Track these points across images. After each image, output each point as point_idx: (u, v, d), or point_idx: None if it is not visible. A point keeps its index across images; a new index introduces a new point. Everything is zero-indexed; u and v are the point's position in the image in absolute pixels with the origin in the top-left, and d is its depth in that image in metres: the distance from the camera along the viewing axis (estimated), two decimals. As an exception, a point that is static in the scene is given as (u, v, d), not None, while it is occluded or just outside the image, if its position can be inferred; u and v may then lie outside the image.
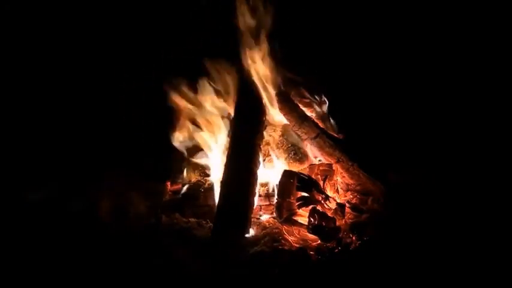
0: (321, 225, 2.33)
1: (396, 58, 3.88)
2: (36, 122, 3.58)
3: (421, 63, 3.86)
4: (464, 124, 3.38)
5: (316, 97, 3.17)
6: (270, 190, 2.82)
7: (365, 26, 3.98)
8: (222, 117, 3.05)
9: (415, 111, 3.53)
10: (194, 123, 3.02)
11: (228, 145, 2.91)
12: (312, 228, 2.35)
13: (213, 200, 2.75)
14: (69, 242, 2.36)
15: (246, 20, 2.97)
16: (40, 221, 2.54)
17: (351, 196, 2.75)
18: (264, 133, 2.98)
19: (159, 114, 3.38)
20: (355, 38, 3.96)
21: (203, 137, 3.01)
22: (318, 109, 3.11)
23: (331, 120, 3.12)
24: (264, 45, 3.03)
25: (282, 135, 3.06)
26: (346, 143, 2.85)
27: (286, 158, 2.95)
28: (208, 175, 3.03)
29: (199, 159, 3.06)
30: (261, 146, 2.90)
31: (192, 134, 3.01)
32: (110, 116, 3.69)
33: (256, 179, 2.69)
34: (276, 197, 2.64)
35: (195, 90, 3.03)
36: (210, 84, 3.03)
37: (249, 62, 3.06)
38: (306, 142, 2.89)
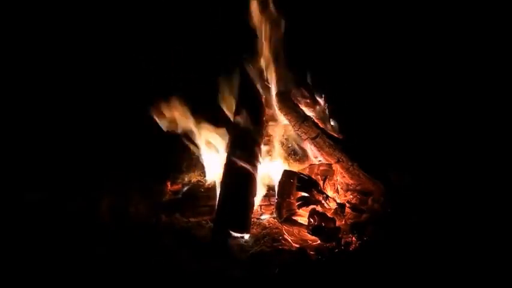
0: (321, 225, 2.33)
1: (396, 58, 3.88)
2: (36, 123, 3.59)
3: (421, 63, 3.87)
4: (463, 124, 3.38)
5: (316, 97, 3.17)
6: (270, 190, 2.82)
7: (365, 26, 3.98)
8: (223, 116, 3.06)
9: (415, 111, 3.53)
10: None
11: (228, 145, 2.91)
12: (311, 229, 2.34)
13: (213, 200, 2.75)
14: (69, 242, 2.36)
15: (250, 20, 2.99)
16: (39, 221, 2.54)
17: (351, 196, 2.75)
18: (264, 133, 2.99)
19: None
20: (355, 39, 3.97)
21: (204, 137, 3.01)
22: (318, 109, 3.11)
23: (331, 120, 3.12)
24: (266, 46, 3.04)
25: (282, 135, 3.07)
26: (346, 143, 2.84)
27: (286, 158, 2.95)
28: (208, 175, 3.03)
29: (199, 159, 3.06)
30: (261, 146, 2.90)
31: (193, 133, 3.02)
32: (110, 116, 3.69)
33: (256, 179, 2.69)
34: (276, 197, 2.64)
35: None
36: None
37: (250, 62, 3.07)
38: (306, 142, 2.89)
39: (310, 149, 2.92)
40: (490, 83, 3.65)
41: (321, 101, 3.17)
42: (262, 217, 2.67)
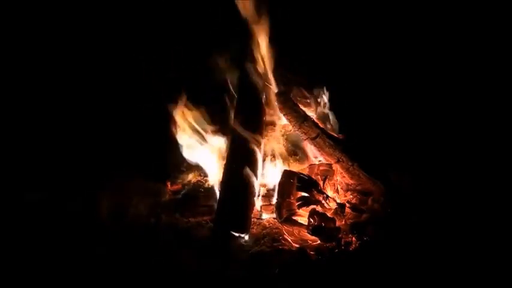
0: (321, 225, 2.33)
1: (396, 58, 3.88)
2: (36, 122, 3.58)
3: (421, 63, 3.87)
4: (463, 124, 3.37)
5: (316, 97, 3.17)
6: (270, 190, 2.82)
7: (365, 26, 3.98)
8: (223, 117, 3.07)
9: (414, 111, 3.53)
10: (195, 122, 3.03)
11: (227, 145, 2.91)
12: (311, 229, 2.34)
13: (213, 200, 2.75)
14: (69, 242, 2.36)
15: (248, 20, 2.98)
16: (39, 222, 2.54)
17: (351, 196, 2.75)
18: (264, 133, 2.98)
19: (159, 114, 3.38)
20: (355, 38, 3.97)
21: (204, 137, 3.01)
22: (318, 109, 3.11)
23: (331, 121, 3.12)
24: (265, 45, 3.03)
25: (282, 135, 3.07)
26: (346, 143, 2.84)
27: (286, 158, 2.95)
28: (208, 175, 3.03)
29: (199, 159, 3.06)
30: (261, 146, 2.90)
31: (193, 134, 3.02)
32: (110, 116, 3.69)
33: (256, 179, 2.69)
34: (276, 197, 2.63)
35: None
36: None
37: (250, 61, 3.07)
38: (306, 142, 2.89)
39: (310, 149, 2.92)
40: (490, 83, 3.65)
41: (321, 100, 3.17)
42: (262, 217, 2.67)
